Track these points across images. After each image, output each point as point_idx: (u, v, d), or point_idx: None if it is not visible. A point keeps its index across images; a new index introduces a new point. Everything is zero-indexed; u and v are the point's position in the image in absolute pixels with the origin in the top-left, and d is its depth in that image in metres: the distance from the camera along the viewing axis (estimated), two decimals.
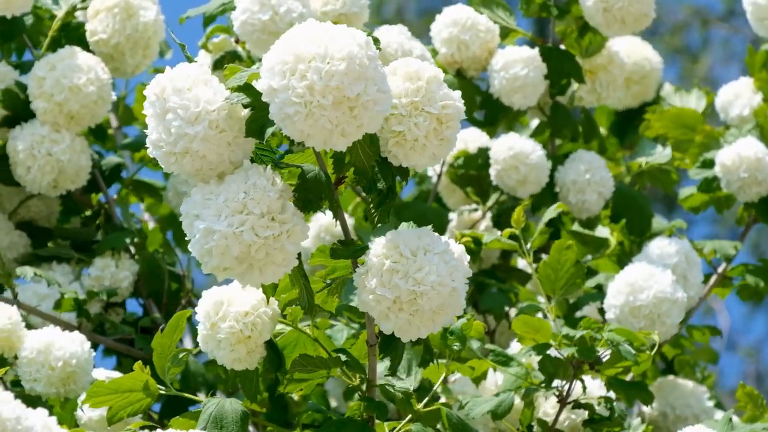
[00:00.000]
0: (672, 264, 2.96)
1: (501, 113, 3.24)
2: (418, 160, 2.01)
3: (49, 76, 2.95)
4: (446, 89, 2.01)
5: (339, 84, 1.82)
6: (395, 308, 1.96)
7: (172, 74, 1.95)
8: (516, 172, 3.15)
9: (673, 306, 2.83)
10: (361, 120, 1.86)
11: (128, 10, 3.07)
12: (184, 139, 1.91)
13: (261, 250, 1.92)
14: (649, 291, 2.82)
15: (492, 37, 3.24)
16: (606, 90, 3.30)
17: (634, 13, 3.10)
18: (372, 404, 2.23)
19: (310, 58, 1.83)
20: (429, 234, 2.00)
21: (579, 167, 3.18)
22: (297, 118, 1.83)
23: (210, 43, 3.25)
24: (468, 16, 3.22)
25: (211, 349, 2.24)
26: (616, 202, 3.24)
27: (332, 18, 3.03)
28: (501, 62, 3.18)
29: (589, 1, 3.11)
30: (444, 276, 1.95)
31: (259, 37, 2.92)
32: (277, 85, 1.84)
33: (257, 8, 2.91)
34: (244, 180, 1.93)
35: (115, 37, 3.06)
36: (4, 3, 2.97)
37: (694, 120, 3.33)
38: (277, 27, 2.91)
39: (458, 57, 3.23)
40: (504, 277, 3.24)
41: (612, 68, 3.29)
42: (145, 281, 3.13)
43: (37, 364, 2.52)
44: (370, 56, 1.86)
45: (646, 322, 2.82)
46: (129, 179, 3.33)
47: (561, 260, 2.53)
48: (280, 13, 2.92)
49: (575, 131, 3.28)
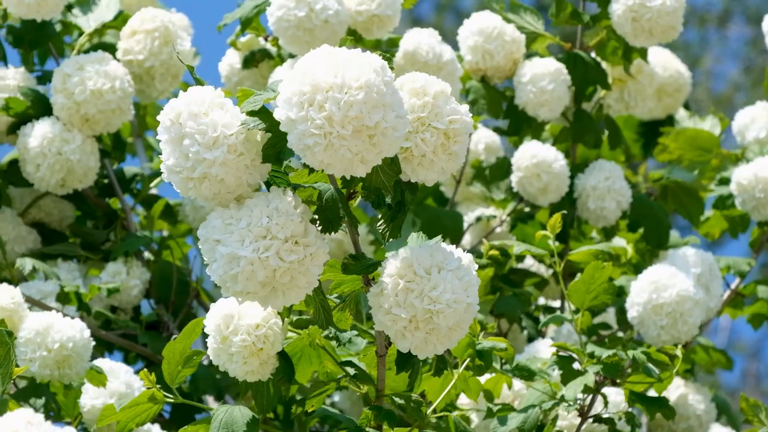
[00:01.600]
0: (696, 273, 3.00)
1: (525, 123, 3.26)
2: (426, 176, 2.01)
3: (76, 74, 2.96)
4: (454, 104, 2.01)
5: (358, 114, 1.83)
6: (411, 327, 1.97)
7: (187, 99, 1.94)
8: (538, 180, 3.18)
9: (695, 306, 2.88)
10: (381, 147, 1.87)
11: (167, 36, 3.09)
12: (202, 165, 1.91)
13: (286, 275, 1.93)
14: (672, 289, 2.87)
15: (517, 48, 3.25)
16: (634, 99, 3.33)
17: (662, 25, 3.12)
18: (381, 413, 2.26)
19: (327, 88, 1.83)
20: (441, 250, 2.01)
21: (599, 175, 3.21)
22: (317, 149, 1.84)
23: (239, 42, 3.27)
24: (495, 26, 3.23)
25: (223, 362, 2.26)
26: (634, 211, 3.28)
27: (365, 18, 3.06)
28: (528, 75, 3.19)
29: (619, 11, 3.13)
30: (459, 293, 1.97)
31: (294, 34, 2.95)
32: (295, 116, 1.84)
33: (293, 4, 2.94)
34: (266, 204, 1.94)
35: (150, 59, 3.08)
36: (35, 5, 2.97)
37: (710, 142, 3.37)
38: (312, 24, 2.95)
39: (483, 65, 3.25)
40: (519, 281, 3.28)
41: (641, 78, 3.32)
42: (158, 287, 3.15)
43: (34, 345, 2.54)
44: (387, 81, 1.87)
45: (669, 320, 2.87)
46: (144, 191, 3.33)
47: (594, 277, 2.55)
48: (315, 10, 2.96)
49: (598, 138, 3.31)
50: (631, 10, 3.11)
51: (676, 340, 2.92)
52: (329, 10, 2.97)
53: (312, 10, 2.97)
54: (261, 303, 1.96)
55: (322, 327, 2.08)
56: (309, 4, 2.97)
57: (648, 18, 3.11)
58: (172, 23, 3.13)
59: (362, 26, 3.11)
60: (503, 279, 3.24)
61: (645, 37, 3.14)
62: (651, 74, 3.34)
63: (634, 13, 3.12)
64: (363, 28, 3.11)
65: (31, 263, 2.83)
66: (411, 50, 3.13)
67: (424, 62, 3.10)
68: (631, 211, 3.28)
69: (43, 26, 3.06)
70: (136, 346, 3.05)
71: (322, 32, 2.99)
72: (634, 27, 3.13)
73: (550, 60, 3.21)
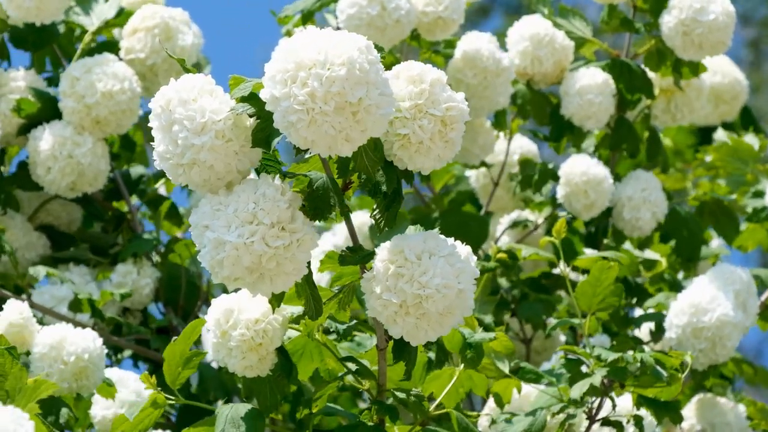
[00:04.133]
0: (735, 290, 2.97)
1: (568, 132, 3.25)
2: (423, 163, 2.01)
3: (84, 77, 2.98)
4: (450, 91, 2.01)
5: (340, 89, 1.82)
6: (402, 312, 1.96)
7: (177, 86, 1.96)
8: (585, 197, 3.15)
9: (734, 330, 2.88)
10: (365, 124, 1.86)
11: (168, 32, 3.11)
12: (191, 150, 1.92)
13: (272, 260, 1.92)
14: (712, 313, 2.86)
15: (566, 56, 3.24)
16: (681, 111, 3.31)
17: (712, 40, 3.11)
18: (383, 407, 2.25)
19: (310, 65, 1.84)
20: (434, 237, 2.00)
21: (636, 185, 3.19)
22: (300, 126, 1.84)
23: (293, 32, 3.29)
24: (546, 33, 3.22)
25: (222, 356, 2.26)
26: (668, 222, 3.25)
27: (431, 19, 3.07)
28: (576, 86, 3.17)
29: (670, 23, 3.11)
30: (449, 278, 1.95)
31: (366, 32, 2.95)
32: (279, 93, 1.84)
33: (366, 2, 2.96)
34: (254, 190, 1.94)
35: (152, 57, 3.10)
36: (35, 10, 3.00)
37: (749, 155, 3.35)
38: (384, 22, 2.97)
39: (531, 71, 3.24)
40: (551, 287, 3.25)
41: (689, 90, 3.30)
42: (165, 289, 3.15)
43: (49, 359, 2.53)
44: (371, 60, 1.86)
45: (707, 344, 2.86)
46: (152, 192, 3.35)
47: (601, 278, 2.53)
48: (388, 9, 2.98)
49: (635, 148, 3.27)
50: (683, 24, 3.10)
51: (713, 362, 2.91)
52: (401, 10, 2.99)
53: (384, 9, 2.98)
54: (249, 289, 1.96)
55: (313, 318, 2.07)
56: (382, 2, 2.98)
57: (699, 32, 3.09)
58: (173, 18, 3.14)
59: (426, 27, 3.11)
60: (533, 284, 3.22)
61: (694, 51, 3.12)
62: (699, 87, 3.31)
63: (685, 27, 3.10)
64: (426, 30, 3.12)
65: (44, 271, 2.84)
66: (471, 53, 3.13)
67: (484, 67, 3.11)
68: (665, 223, 3.25)
69: (45, 29, 3.07)
70: (148, 351, 3.05)
71: (393, 31, 3.00)
72: (684, 40, 3.11)
73: (597, 71, 3.18)
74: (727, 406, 3.10)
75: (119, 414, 2.60)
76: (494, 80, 3.12)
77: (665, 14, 3.13)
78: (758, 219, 3.25)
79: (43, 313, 2.82)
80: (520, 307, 3.17)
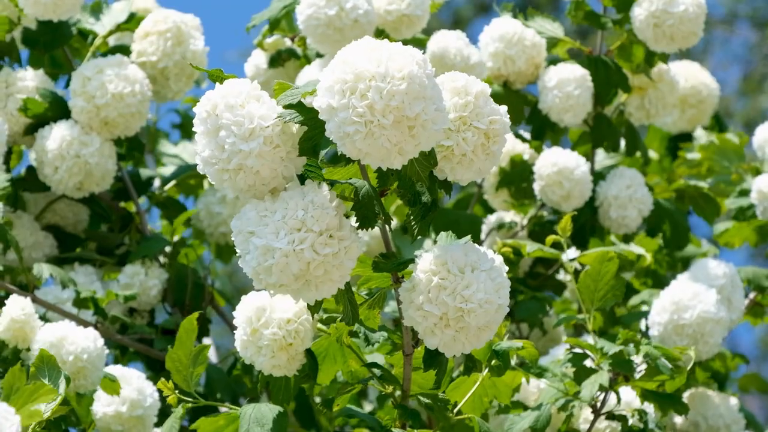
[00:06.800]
0: (718, 286, 2.99)
1: (548, 128, 3.25)
2: (463, 175, 2.02)
3: (96, 78, 2.96)
4: (493, 104, 2.02)
5: (400, 104, 1.83)
6: (441, 324, 1.97)
7: (224, 91, 1.94)
8: (560, 188, 3.16)
9: (716, 326, 2.88)
10: (419, 139, 1.86)
11: (179, 36, 3.10)
12: (238, 156, 1.91)
13: (320, 268, 1.92)
14: (693, 310, 2.87)
15: (538, 52, 3.25)
16: (655, 107, 3.32)
17: (683, 31, 3.12)
18: (406, 412, 2.26)
19: (370, 77, 1.83)
20: (476, 250, 2.01)
21: (621, 183, 3.20)
22: (357, 138, 1.84)
23: (265, 43, 3.28)
24: (515, 32, 3.22)
25: (251, 354, 2.26)
26: (653, 216, 3.27)
27: (395, 17, 3.06)
28: (554, 80, 3.18)
29: (641, 16, 3.13)
30: (491, 293, 1.97)
31: (324, 32, 2.96)
32: (336, 104, 1.84)
33: (323, 3, 2.96)
34: (302, 197, 1.93)
35: (164, 60, 3.09)
36: (52, 6, 2.97)
37: (735, 154, 3.37)
38: (342, 23, 2.96)
39: (504, 71, 3.24)
40: (537, 286, 3.27)
41: (662, 86, 3.31)
42: (173, 290, 3.14)
43: None
44: (429, 75, 1.87)
45: (689, 341, 2.87)
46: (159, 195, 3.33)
47: (602, 272, 2.54)
48: (346, 9, 2.97)
49: (616, 143, 3.29)
50: (654, 15, 3.12)
51: (697, 358, 2.92)
52: (359, 10, 2.98)
53: (342, 9, 2.98)
54: (293, 296, 1.96)
55: (349, 323, 2.07)
56: (339, 2, 2.98)
57: (670, 24, 3.12)
58: (185, 23, 3.13)
59: (391, 26, 3.11)
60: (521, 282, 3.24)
61: (666, 43, 3.14)
62: (671, 82, 3.33)
63: (656, 18, 3.12)
64: (392, 28, 3.12)
65: (48, 271, 2.82)
66: (439, 52, 3.13)
67: (452, 65, 3.10)
68: (650, 216, 3.27)
69: (59, 27, 3.05)
70: (152, 351, 3.04)
71: (352, 31, 2.99)
72: (656, 32, 3.13)
73: (576, 66, 3.20)
74: (718, 399, 3.14)
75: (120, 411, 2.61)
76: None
77: (635, 7, 3.15)
78: (744, 217, 3.27)
79: (48, 309, 2.80)
80: (517, 308, 3.18)
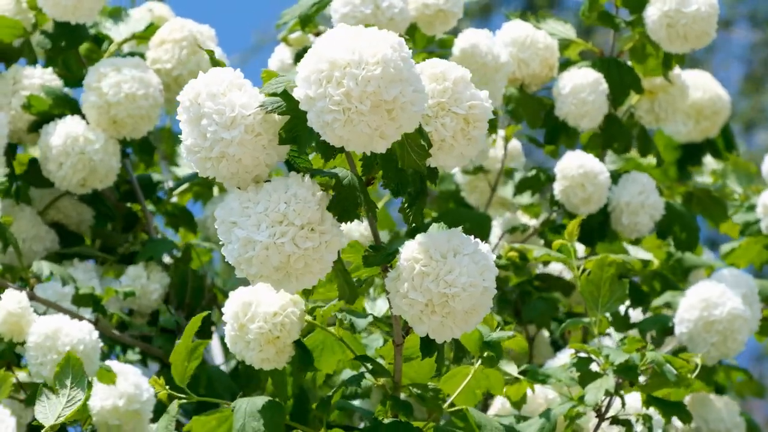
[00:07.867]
0: (742, 293, 2.98)
1: (563, 133, 3.24)
2: (445, 161, 2.01)
3: (112, 75, 2.96)
4: (473, 89, 2.01)
5: (376, 89, 1.83)
6: (428, 311, 1.97)
7: (207, 79, 1.95)
8: (582, 191, 3.12)
9: (744, 324, 2.90)
10: (399, 121, 1.86)
11: (195, 45, 3.10)
12: (220, 144, 1.92)
13: (300, 261, 1.93)
14: (723, 307, 2.88)
15: (551, 53, 3.23)
16: (665, 111, 3.30)
17: (696, 31, 3.10)
18: (398, 403, 2.26)
19: (345, 65, 1.84)
20: (458, 235, 2.01)
21: (633, 189, 3.18)
22: (336, 125, 1.84)
23: (290, 38, 3.29)
24: (527, 34, 3.20)
25: (240, 349, 2.27)
26: (664, 218, 3.24)
27: (433, 11, 3.05)
28: (569, 86, 3.16)
29: (654, 16, 3.11)
30: (475, 276, 1.96)
31: None
32: (314, 93, 1.84)
33: (359, 1, 2.95)
34: (284, 189, 1.94)
35: (178, 68, 3.09)
36: (72, 8, 2.98)
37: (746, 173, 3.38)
38: (378, 21, 2.95)
39: (519, 74, 3.23)
40: (545, 287, 3.25)
41: (673, 90, 3.30)
42: (177, 295, 3.15)
43: (44, 349, 2.52)
44: (404, 57, 1.87)
45: (719, 338, 2.88)
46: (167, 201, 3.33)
47: (603, 277, 2.53)
48: (381, 7, 2.96)
49: (627, 145, 3.28)
50: (667, 15, 3.10)
51: (725, 356, 2.93)
52: (395, 8, 2.97)
53: (378, 8, 2.97)
54: (274, 286, 1.96)
55: (349, 302, 2.06)
56: (375, 1, 2.97)
57: (683, 24, 3.10)
58: (201, 33, 3.15)
59: (426, 20, 3.09)
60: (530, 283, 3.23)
61: (680, 43, 3.13)
62: (683, 87, 3.31)
63: (669, 18, 3.10)
64: (426, 23, 3.09)
65: (48, 268, 2.82)
66: (470, 49, 3.10)
67: (483, 62, 3.08)
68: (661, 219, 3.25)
69: (76, 29, 3.06)
70: (151, 348, 3.04)
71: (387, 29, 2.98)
72: (669, 33, 3.11)
73: (589, 70, 3.18)
74: (719, 403, 3.13)
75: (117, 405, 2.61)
76: (494, 76, 3.10)
77: (648, 7, 3.13)
78: (750, 232, 3.26)
79: (47, 306, 2.80)
80: (525, 309, 3.16)
